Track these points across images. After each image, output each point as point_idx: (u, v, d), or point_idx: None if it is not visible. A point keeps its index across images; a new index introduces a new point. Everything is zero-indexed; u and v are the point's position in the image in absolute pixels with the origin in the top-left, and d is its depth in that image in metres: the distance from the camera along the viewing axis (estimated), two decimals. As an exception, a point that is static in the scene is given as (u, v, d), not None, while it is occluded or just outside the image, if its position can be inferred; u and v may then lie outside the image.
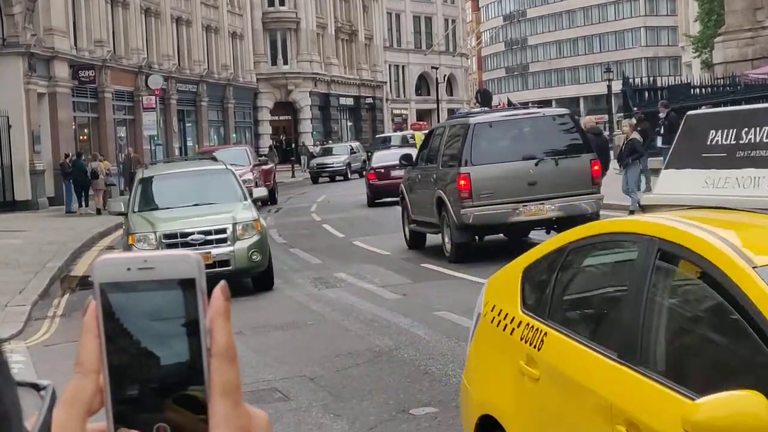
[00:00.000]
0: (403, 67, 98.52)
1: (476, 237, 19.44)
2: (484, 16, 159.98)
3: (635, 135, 26.31)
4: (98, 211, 35.27)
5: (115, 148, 47.58)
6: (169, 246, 16.04)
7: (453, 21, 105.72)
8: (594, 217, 17.36)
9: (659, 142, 28.68)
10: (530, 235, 19.88)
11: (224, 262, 16.50)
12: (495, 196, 18.31)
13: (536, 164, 18.53)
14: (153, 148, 50.84)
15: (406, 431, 8.52)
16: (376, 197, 34.53)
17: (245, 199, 17.97)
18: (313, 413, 9.32)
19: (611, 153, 29.68)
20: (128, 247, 16.60)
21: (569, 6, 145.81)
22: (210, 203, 17.72)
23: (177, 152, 55.28)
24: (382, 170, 34.79)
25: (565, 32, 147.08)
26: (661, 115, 29.76)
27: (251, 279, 17.56)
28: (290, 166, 64.57)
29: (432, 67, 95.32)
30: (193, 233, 16.73)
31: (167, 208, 17.64)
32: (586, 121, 25.30)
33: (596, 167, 18.74)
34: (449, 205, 18.73)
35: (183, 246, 15.96)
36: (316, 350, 12.17)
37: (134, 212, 17.64)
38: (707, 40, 57.37)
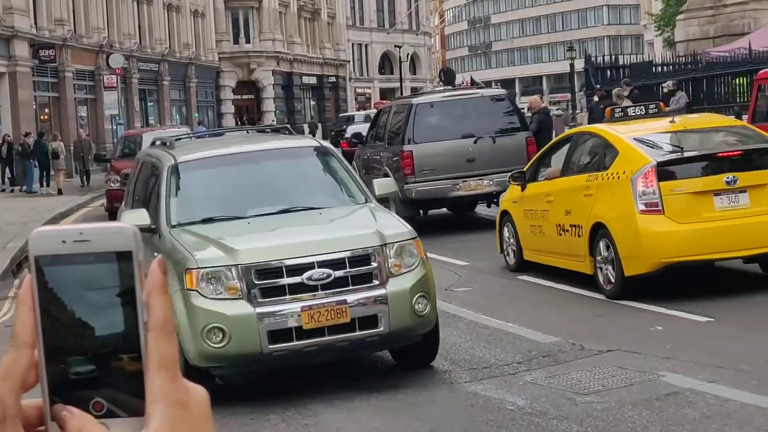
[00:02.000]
0: (366, 45, 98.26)
1: (420, 211, 20.10)
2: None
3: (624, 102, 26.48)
4: (59, 191, 35.07)
5: (76, 127, 47.16)
6: (271, 294, 8.81)
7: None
8: None
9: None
10: (476, 210, 20.95)
11: (371, 320, 8.95)
12: (436, 173, 19.16)
13: (474, 142, 19.37)
14: (114, 127, 50.50)
15: (369, 410, 8.50)
16: (349, 161, 35.45)
17: (367, 199, 10.47)
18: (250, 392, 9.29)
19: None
20: (187, 295, 8.76)
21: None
22: (310, 207, 10.24)
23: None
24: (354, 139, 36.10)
25: (527, 11, 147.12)
26: (625, 93, 29.86)
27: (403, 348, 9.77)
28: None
29: (395, 46, 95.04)
30: (311, 265, 8.92)
31: (238, 218, 9.95)
32: (533, 100, 25.22)
33: (532, 145, 19.41)
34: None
35: (298, 291, 8.85)
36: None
37: (177, 226, 9.80)
38: (669, 19, 57.61)
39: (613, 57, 40.71)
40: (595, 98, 29.54)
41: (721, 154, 12.05)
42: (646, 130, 12.78)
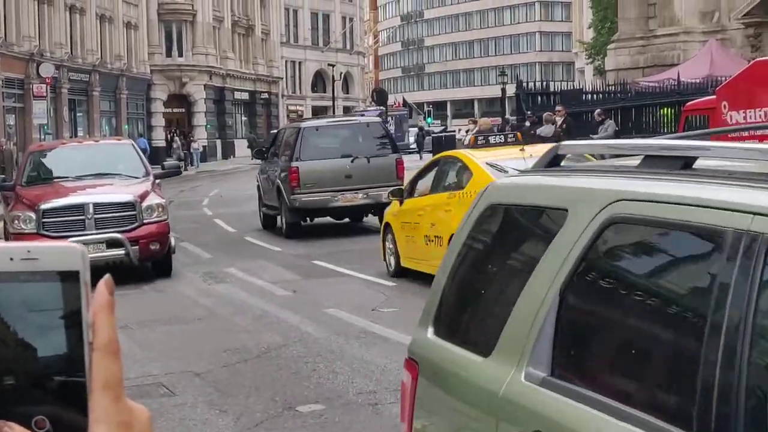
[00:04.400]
0: (299, 63, 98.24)
1: (307, 218, 23.68)
2: (381, 15, 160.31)
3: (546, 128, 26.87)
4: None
5: (3, 135, 46.56)
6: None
7: (351, 19, 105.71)
8: None
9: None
10: (365, 220, 24.31)
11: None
12: (318, 186, 22.61)
13: (352, 161, 22.89)
14: (43, 137, 49.94)
15: (292, 428, 8.48)
16: None
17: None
18: (198, 409, 9.24)
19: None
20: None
21: (466, 9, 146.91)
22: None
23: (67, 142, 54.30)
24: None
25: (461, 34, 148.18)
26: (558, 119, 30.17)
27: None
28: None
29: (329, 65, 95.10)
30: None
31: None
32: (482, 122, 26.81)
33: (401, 164, 23.32)
34: (284, 192, 22.94)
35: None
36: (203, 346, 12.07)
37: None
38: (600, 47, 58.29)
39: (545, 83, 41.12)
40: (527, 123, 29.81)
41: None
42: (498, 156, 14.82)
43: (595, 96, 35.04)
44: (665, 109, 28.08)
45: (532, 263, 3.81)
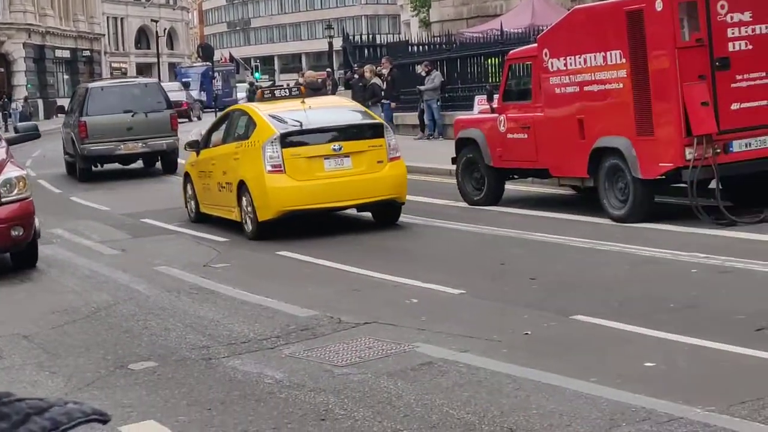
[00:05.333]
0: (121, 19, 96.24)
1: (97, 164, 27.91)
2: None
3: (376, 80, 26.88)
4: None
5: None
6: None
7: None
8: (171, 152, 27.55)
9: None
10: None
11: None
12: (103, 137, 26.66)
13: (132, 116, 27.11)
14: None
15: (124, 386, 8.36)
16: None
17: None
18: (27, 371, 9.03)
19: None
20: None
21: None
22: None
23: None
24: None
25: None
26: (384, 70, 30.29)
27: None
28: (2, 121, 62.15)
29: (152, 20, 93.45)
30: None
31: None
32: (308, 75, 27.37)
33: (174, 119, 28.07)
34: (76, 143, 26.90)
35: None
36: (30, 307, 11.79)
37: None
38: (425, 0, 58.61)
39: (371, 36, 41.26)
40: (355, 76, 29.87)
41: (328, 127, 15.44)
42: (281, 109, 16.00)
43: (421, 48, 35.25)
44: (490, 59, 28.45)
45: None
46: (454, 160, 18.22)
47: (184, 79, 75.59)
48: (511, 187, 18.09)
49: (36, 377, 8.84)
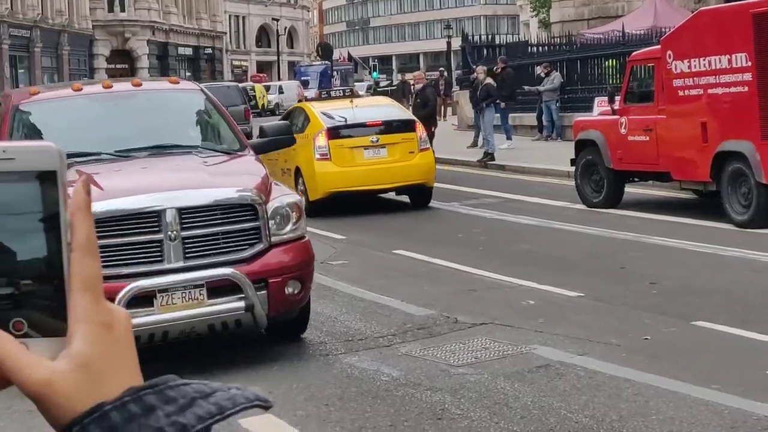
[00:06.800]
0: (243, 17, 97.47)
1: None
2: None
3: (489, 80, 26.81)
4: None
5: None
6: None
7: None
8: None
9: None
10: None
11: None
12: None
13: None
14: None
15: (244, 380, 8.48)
16: None
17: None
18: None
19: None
20: None
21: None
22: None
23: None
24: None
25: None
26: (496, 69, 30.16)
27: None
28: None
29: (273, 19, 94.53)
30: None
31: None
32: (416, 75, 27.93)
33: (248, 111, 36.42)
34: None
35: None
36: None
37: None
38: (545, 0, 58.25)
39: (490, 36, 41.11)
40: (473, 76, 29.81)
41: (369, 123, 18.22)
42: (332, 106, 19.08)
43: (540, 48, 35.03)
44: (611, 60, 28.15)
45: None
46: (572, 162, 18.08)
47: (303, 78, 76.39)
48: (631, 190, 17.88)
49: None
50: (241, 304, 8.36)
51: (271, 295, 8.56)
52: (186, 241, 8.28)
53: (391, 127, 18.33)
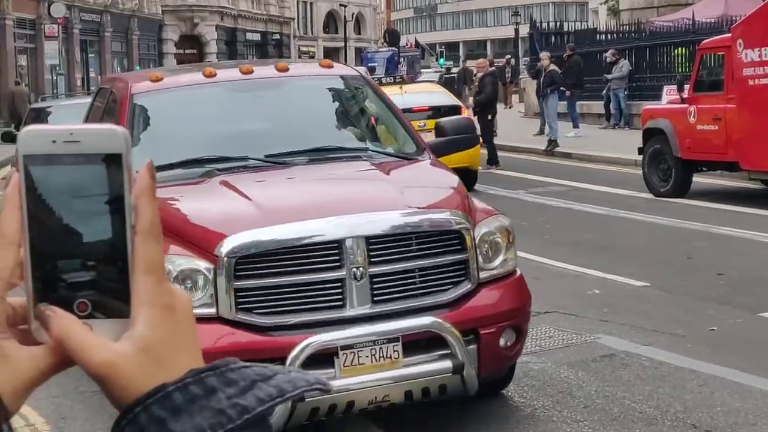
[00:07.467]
0: (311, 3, 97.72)
1: None
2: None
3: (554, 66, 26.67)
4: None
5: (15, 76, 46.49)
6: None
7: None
8: None
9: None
10: None
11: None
12: None
13: None
14: (55, 78, 49.88)
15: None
16: None
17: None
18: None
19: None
20: None
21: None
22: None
23: (79, 83, 54.31)
24: None
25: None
26: (564, 55, 29.95)
27: None
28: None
29: (340, 5, 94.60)
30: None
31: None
32: (479, 62, 27.41)
33: None
34: None
35: None
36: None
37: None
38: (614, -13, 57.71)
39: (558, 23, 40.85)
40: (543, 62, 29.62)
41: (416, 109, 18.17)
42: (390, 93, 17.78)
43: (609, 36, 34.76)
44: (680, 48, 27.87)
45: None
46: (640, 151, 17.95)
47: (370, 64, 76.37)
48: (699, 180, 17.71)
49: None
50: (448, 364, 6.23)
51: (483, 351, 6.44)
52: (374, 280, 6.23)
53: (438, 112, 18.29)
